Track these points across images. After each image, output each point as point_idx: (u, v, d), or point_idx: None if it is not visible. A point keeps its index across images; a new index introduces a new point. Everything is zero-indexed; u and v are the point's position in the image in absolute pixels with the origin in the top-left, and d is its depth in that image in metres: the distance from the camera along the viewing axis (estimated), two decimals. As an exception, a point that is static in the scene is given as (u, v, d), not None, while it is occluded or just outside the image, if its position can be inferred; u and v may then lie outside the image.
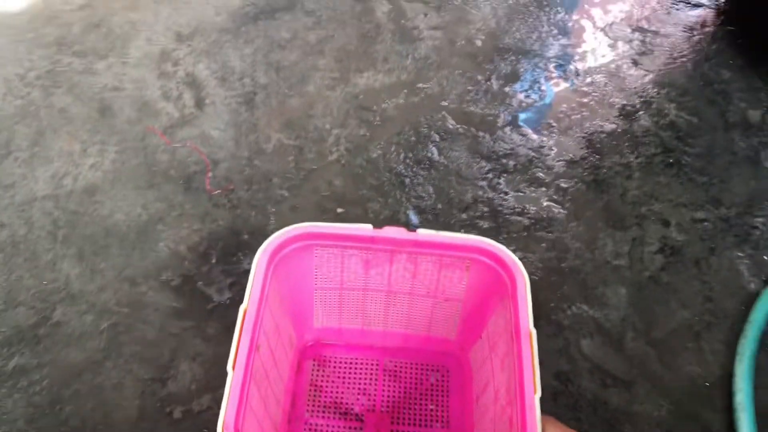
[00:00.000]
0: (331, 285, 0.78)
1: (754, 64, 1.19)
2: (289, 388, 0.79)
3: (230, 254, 0.87)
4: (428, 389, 0.81)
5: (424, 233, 0.71)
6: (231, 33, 1.13)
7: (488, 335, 0.76)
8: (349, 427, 0.78)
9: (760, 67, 1.18)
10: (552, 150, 1.03)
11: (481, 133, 1.04)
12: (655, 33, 1.22)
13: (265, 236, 0.87)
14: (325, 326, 0.83)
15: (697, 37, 1.22)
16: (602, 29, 1.22)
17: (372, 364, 0.83)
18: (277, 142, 1.00)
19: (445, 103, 1.07)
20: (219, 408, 0.75)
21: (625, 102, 1.10)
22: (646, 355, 0.84)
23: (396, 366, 0.83)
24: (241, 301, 0.83)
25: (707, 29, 1.24)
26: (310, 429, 0.77)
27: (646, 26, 1.23)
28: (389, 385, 0.82)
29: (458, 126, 1.04)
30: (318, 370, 0.82)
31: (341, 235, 0.71)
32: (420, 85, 1.10)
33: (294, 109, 1.04)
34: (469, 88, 1.10)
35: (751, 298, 0.89)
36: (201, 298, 0.84)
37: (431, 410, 0.80)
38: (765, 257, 0.94)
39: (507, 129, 1.05)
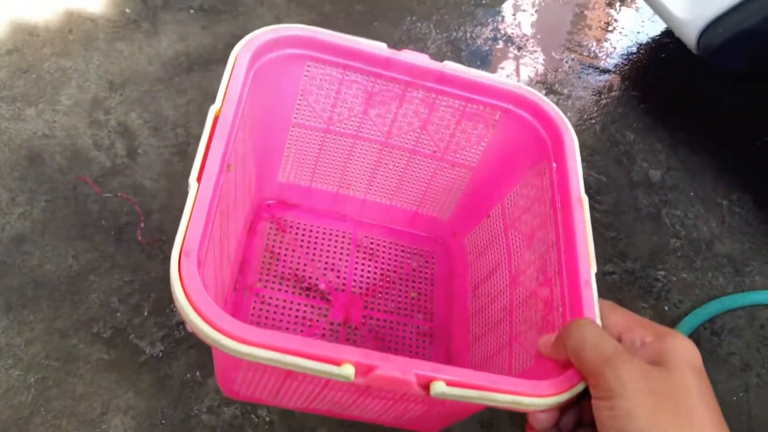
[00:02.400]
0: (315, 123, 0.63)
1: (654, 127, 1.30)
2: (240, 250, 0.66)
3: (163, 306, 0.88)
4: (409, 274, 0.71)
5: (454, 65, 0.58)
6: (164, 83, 1.15)
7: (504, 211, 0.65)
8: (312, 306, 0.66)
9: (659, 130, 1.30)
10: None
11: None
12: (568, 96, 1.32)
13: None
14: (292, 182, 0.69)
15: (605, 100, 1.33)
16: (519, 90, 1.31)
17: (344, 238, 0.70)
18: (211, 193, 1.01)
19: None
20: (152, 463, 0.76)
21: (540, 160, 1.18)
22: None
23: (372, 244, 0.71)
24: (173, 355, 0.84)
25: (614, 93, 1.35)
26: (262, 302, 0.64)
27: (559, 89, 1.33)
28: (363, 265, 0.70)
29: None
30: (276, 236, 0.69)
31: (347, 48, 0.56)
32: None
33: (227, 160, 1.06)
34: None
35: (655, 346, 0.97)
36: (133, 350, 0.84)
37: (413, 299, 0.69)
38: (665, 308, 1.02)
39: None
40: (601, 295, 1.00)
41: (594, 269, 0.50)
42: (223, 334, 0.40)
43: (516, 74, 1.34)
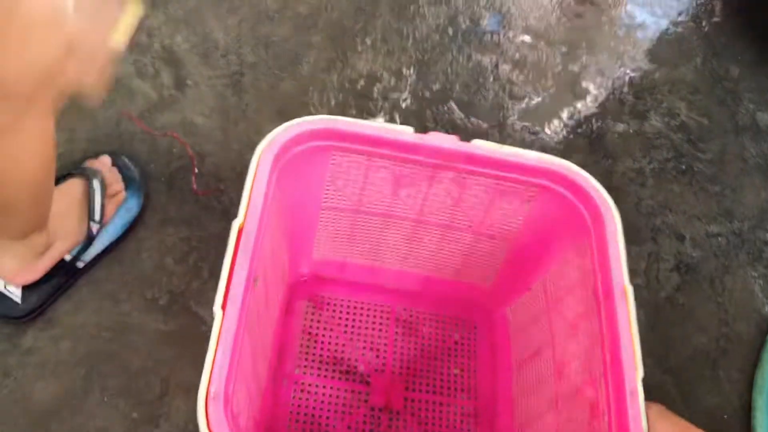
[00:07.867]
0: (345, 205, 0.63)
1: (762, 60, 1.14)
2: (277, 336, 0.64)
3: (224, 267, 0.78)
4: (451, 348, 0.68)
5: (483, 145, 0.55)
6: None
7: (546, 288, 0.63)
8: (352, 391, 0.64)
9: (768, 63, 1.14)
10: (560, 147, 0.96)
11: (489, 130, 0.96)
12: (668, 22, 1.16)
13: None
14: (326, 258, 0.68)
15: (706, 28, 1.17)
16: (617, 17, 1.15)
17: (382, 312, 0.68)
18: (270, 133, 0.89)
19: (450, 93, 0.99)
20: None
21: (635, 99, 1.04)
22: (664, 383, 0.81)
23: (411, 317, 0.69)
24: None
25: (715, 20, 1.18)
26: (301, 390, 0.62)
27: (659, 12, 1.16)
28: (403, 340, 0.67)
29: (466, 120, 0.96)
30: (313, 314, 0.67)
31: (372, 136, 0.55)
32: (423, 70, 1.00)
33: (287, 94, 0.93)
34: (476, 76, 1.01)
35: (766, 322, 0.87)
36: (193, 319, 0.75)
37: (455, 375, 0.66)
38: (778, 277, 0.91)
39: (517, 125, 0.97)
40: (705, 259, 0.89)
41: (641, 374, 0.47)
42: None
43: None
